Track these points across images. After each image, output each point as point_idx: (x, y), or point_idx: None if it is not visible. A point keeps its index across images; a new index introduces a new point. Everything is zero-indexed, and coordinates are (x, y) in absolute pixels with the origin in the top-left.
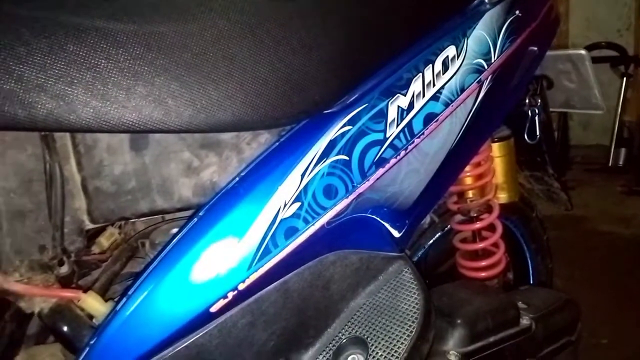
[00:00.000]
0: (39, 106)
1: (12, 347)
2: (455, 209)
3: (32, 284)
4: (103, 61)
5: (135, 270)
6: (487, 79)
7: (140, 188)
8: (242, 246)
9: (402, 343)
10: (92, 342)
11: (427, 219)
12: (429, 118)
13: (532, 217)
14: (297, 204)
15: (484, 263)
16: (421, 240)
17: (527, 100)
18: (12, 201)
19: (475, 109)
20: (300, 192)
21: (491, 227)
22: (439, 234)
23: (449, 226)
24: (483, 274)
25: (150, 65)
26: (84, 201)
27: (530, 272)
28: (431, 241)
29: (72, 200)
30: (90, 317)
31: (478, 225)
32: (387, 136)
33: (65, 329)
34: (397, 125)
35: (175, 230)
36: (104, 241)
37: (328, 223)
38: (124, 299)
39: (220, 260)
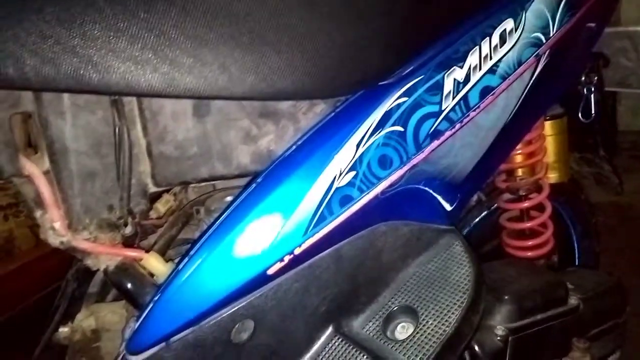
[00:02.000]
0: (112, 70)
1: (74, 304)
2: (503, 187)
3: (99, 242)
4: (172, 28)
5: (188, 236)
6: (544, 53)
7: (202, 154)
8: (298, 212)
9: (452, 313)
10: (155, 298)
11: (474, 197)
12: (485, 91)
13: (580, 199)
14: (352, 173)
15: (531, 242)
16: (467, 218)
17: (582, 78)
18: (83, 162)
19: (532, 84)
20: (356, 161)
21: (540, 207)
22: (485, 212)
23: (495, 205)
24: (530, 254)
25: (216, 32)
26: (149, 165)
27: (576, 255)
28: (477, 219)
29: (137, 164)
30: (152, 276)
31: (527, 204)
32: (443, 108)
33: (129, 285)
34: (453, 98)
35: (228, 198)
36: (161, 207)
37: (382, 193)
38: (186, 259)
39: (278, 225)
